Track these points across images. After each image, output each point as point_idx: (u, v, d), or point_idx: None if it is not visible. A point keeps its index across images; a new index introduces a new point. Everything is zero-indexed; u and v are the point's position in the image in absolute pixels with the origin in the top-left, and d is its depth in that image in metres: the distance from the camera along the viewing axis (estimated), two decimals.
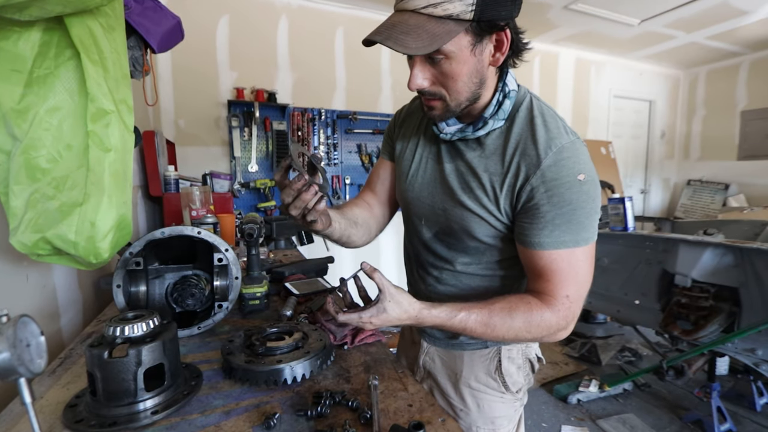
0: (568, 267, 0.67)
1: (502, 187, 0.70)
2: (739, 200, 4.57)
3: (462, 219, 0.75)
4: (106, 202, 0.70)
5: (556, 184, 0.65)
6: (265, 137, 3.17)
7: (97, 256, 0.72)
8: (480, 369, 0.85)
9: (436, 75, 0.66)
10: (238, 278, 0.92)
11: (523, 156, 0.68)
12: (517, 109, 0.72)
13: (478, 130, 0.72)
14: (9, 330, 0.39)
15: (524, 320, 0.67)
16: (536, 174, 0.66)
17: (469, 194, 0.74)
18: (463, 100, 0.68)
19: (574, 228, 0.66)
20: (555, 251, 0.67)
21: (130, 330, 0.59)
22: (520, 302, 0.69)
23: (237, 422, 0.58)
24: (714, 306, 2.00)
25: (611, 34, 3.96)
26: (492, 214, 0.72)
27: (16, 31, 0.63)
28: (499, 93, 0.71)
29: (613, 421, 2.20)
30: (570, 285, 0.68)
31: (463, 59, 0.63)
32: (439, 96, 0.69)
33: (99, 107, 0.67)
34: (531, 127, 0.69)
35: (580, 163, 0.66)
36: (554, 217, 0.66)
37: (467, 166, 0.75)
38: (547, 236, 0.66)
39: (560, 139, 0.67)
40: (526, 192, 0.67)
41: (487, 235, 0.75)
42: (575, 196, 0.65)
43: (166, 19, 1.19)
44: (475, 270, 0.80)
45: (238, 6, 3.01)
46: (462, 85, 0.66)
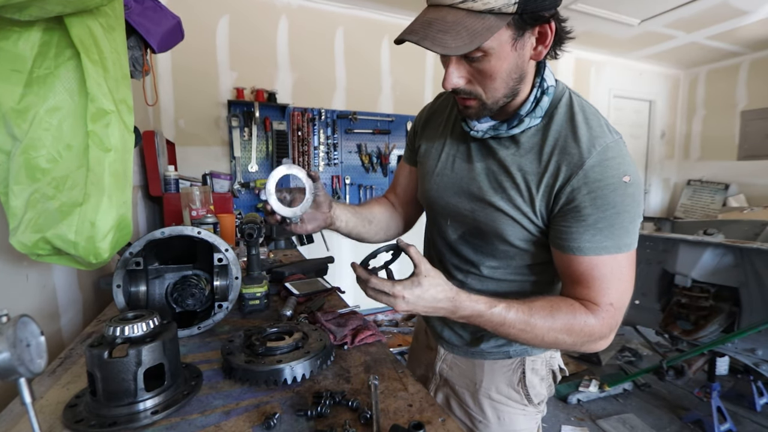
0: (610, 274, 0.63)
1: (539, 188, 0.65)
2: (739, 200, 4.57)
3: (493, 221, 0.71)
4: (106, 202, 0.70)
5: (600, 185, 0.60)
6: (265, 137, 3.17)
7: (97, 256, 0.72)
8: (502, 380, 0.81)
9: (472, 72, 0.62)
10: (238, 278, 0.91)
11: (563, 155, 0.63)
12: (555, 105, 0.67)
13: (513, 128, 0.67)
14: (9, 330, 0.39)
15: (566, 322, 0.62)
16: (579, 174, 0.61)
17: (502, 194, 0.69)
18: (500, 97, 0.64)
19: (617, 233, 0.61)
20: (597, 257, 0.62)
21: (130, 330, 0.59)
22: (563, 303, 0.64)
23: (237, 422, 0.58)
24: (714, 306, 2.00)
25: (611, 34, 3.96)
26: (526, 216, 0.68)
27: (16, 31, 0.63)
28: (536, 89, 0.66)
29: (613, 421, 2.20)
30: (613, 292, 0.64)
31: (503, 55, 0.58)
32: (475, 95, 0.64)
33: (99, 107, 0.67)
34: (572, 124, 0.65)
35: (626, 164, 0.62)
36: (597, 220, 0.61)
37: (500, 164, 0.70)
38: (588, 240, 0.62)
39: (604, 137, 0.62)
40: (566, 193, 0.63)
41: (519, 239, 0.70)
42: (620, 199, 0.60)
43: (166, 19, 1.19)
44: (503, 275, 0.76)
45: (238, 6, 3.01)
46: (500, 83, 0.62)
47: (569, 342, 0.64)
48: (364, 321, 0.93)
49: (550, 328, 0.62)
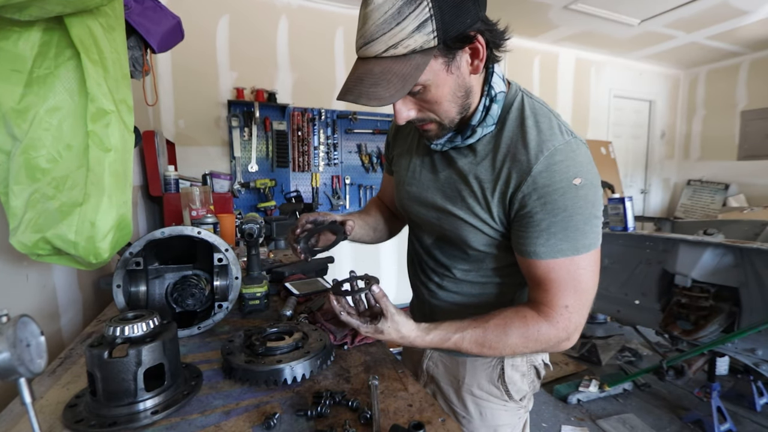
0: (567, 276, 0.64)
1: (494, 195, 0.67)
2: (739, 200, 4.57)
3: (456, 228, 0.74)
4: (106, 202, 0.70)
5: (549, 190, 0.61)
6: (265, 137, 3.17)
7: (97, 256, 0.72)
8: (482, 376, 0.83)
9: (419, 103, 0.64)
10: (238, 278, 0.91)
11: (513, 162, 0.64)
12: (507, 110, 0.68)
13: (467, 139, 0.69)
14: (9, 330, 0.39)
15: (520, 335, 0.65)
16: (527, 180, 0.62)
17: (461, 203, 0.72)
18: (454, 115, 0.66)
19: (572, 235, 0.62)
20: (553, 260, 0.63)
21: (130, 330, 0.59)
22: (515, 317, 0.66)
23: (237, 422, 0.58)
24: (714, 306, 2.00)
25: (611, 34, 3.96)
26: (485, 222, 0.70)
27: (16, 31, 0.63)
28: (485, 98, 0.67)
29: (613, 421, 2.20)
30: (569, 295, 0.65)
31: (441, 82, 0.60)
32: (430, 119, 0.66)
33: (99, 107, 0.67)
34: (521, 129, 0.65)
35: (576, 165, 0.62)
36: (549, 225, 0.62)
37: (459, 173, 0.72)
38: (543, 245, 0.63)
39: (553, 141, 0.62)
40: (518, 199, 0.64)
41: (482, 244, 0.73)
42: (570, 202, 0.61)
43: (166, 19, 1.19)
44: (475, 277, 0.79)
45: (238, 6, 3.01)
46: (448, 105, 0.64)
47: (528, 351, 0.67)
48: None
49: (505, 344, 0.66)
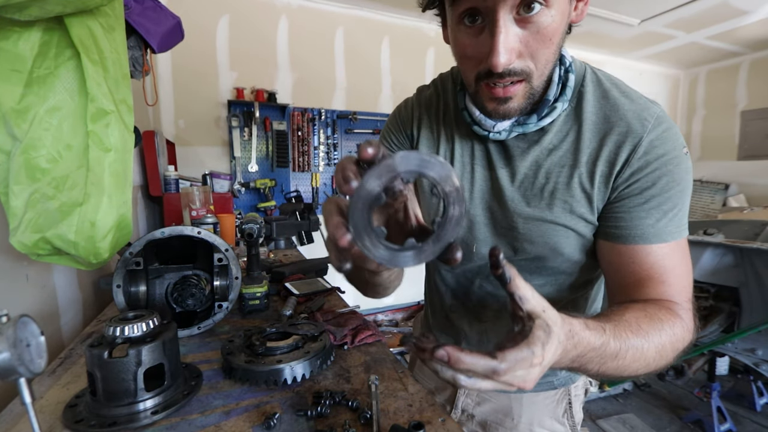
0: (680, 262, 0.54)
1: (593, 181, 0.55)
2: (739, 200, 4.57)
3: (542, 235, 0.59)
4: (106, 202, 0.70)
5: (664, 160, 0.52)
6: (265, 137, 3.17)
7: (97, 256, 0.72)
8: (545, 413, 0.72)
9: (526, 39, 0.46)
10: (238, 278, 0.91)
11: (612, 135, 0.53)
12: (579, 83, 0.57)
13: (543, 118, 0.55)
14: (9, 330, 0.39)
15: (671, 334, 0.49)
16: (638, 152, 0.52)
17: (549, 200, 0.57)
18: (547, 73, 0.51)
19: (680, 214, 0.53)
20: (665, 244, 0.53)
21: (130, 330, 0.59)
22: (653, 308, 0.50)
23: (237, 422, 0.58)
24: (714, 306, 2.00)
25: (611, 34, 3.96)
26: (583, 219, 0.56)
27: (16, 31, 0.63)
28: (559, 67, 0.55)
29: (613, 421, 2.20)
30: (687, 284, 0.54)
31: (563, 8, 0.46)
32: (527, 73, 0.49)
33: (99, 107, 0.67)
34: (608, 101, 0.55)
35: (680, 134, 0.54)
36: (662, 201, 0.52)
37: (535, 166, 0.57)
38: (653, 226, 0.52)
39: (651, 107, 0.54)
40: (625, 176, 0.53)
41: (577, 249, 0.59)
42: (684, 174, 0.52)
43: (166, 19, 1.19)
44: (549, 292, 0.64)
45: (238, 6, 3.01)
46: (554, 50, 0.49)
47: (671, 359, 0.50)
48: (364, 321, 0.93)
49: (658, 346, 0.47)
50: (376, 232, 0.32)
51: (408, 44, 3.54)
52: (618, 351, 0.44)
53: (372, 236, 0.32)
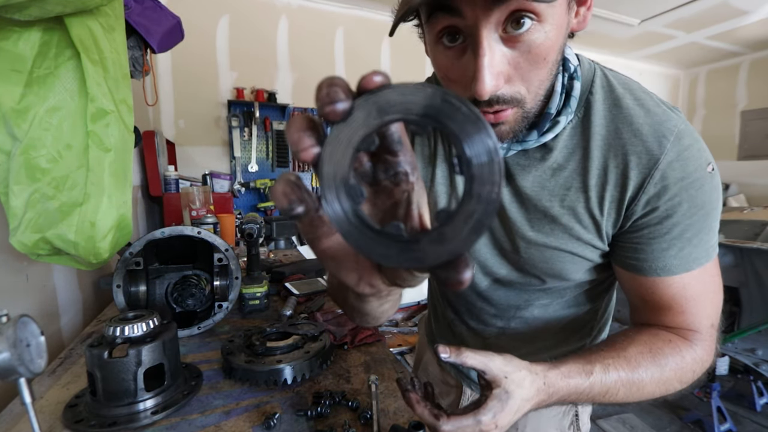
0: (703, 288, 0.50)
1: (602, 205, 0.49)
2: (739, 200, 4.57)
3: (545, 261, 0.54)
4: (106, 202, 0.70)
5: (684, 185, 0.46)
6: (265, 137, 3.17)
7: (97, 256, 0.72)
8: (550, 424, 0.69)
9: (516, 62, 0.39)
10: (238, 278, 0.91)
11: (624, 155, 0.47)
12: (587, 90, 0.49)
13: (545, 134, 0.48)
14: (9, 330, 0.39)
15: (676, 368, 0.48)
16: (654, 176, 0.46)
17: (552, 225, 0.52)
18: (542, 95, 0.44)
19: (705, 238, 0.48)
20: (687, 274, 0.48)
21: (130, 330, 0.59)
22: (661, 342, 0.50)
23: (237, 422, 0.58)
24: None
25: (611, 34, 3.96)
26: (589, 245, 0.52)
27: (16, 31, 0.63)
28: (563, 75, 0.48)
29: (613, 421, 2.20)
30: (711, 310, 0.51)
31: (559, 21, 0.39)
32: (516, 100, 0.41)
33: (99, 107, 0.67)
34: (620, 111, 0.48)
35: (704, 148, 0.47)
36: (684, 229, 0.47)
37: (538, 186, 0.51)
38: (675, 257, 0.48)
39: (671, 120, 0.47)
40: (642, 204, 0.47)
41: (581, 272, 0.55)
42: (708, 197, 0.47)
43: (166, 19, 1.19)
44: (557, 310, 0.62)
45: (238, 6, 3.01)
46: (548, 71, 0.42)
47: (680, 389, 0.50)
48: None
49: (659, 380, 0.48)
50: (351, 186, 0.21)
51: (408, 44, 3.52)
52: (608, 390, 0.46)
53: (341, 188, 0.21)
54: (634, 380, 0.47)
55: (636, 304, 0.55)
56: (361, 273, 0.27)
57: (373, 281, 0.27)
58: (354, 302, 0.39)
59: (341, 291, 0.42)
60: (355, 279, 0.27)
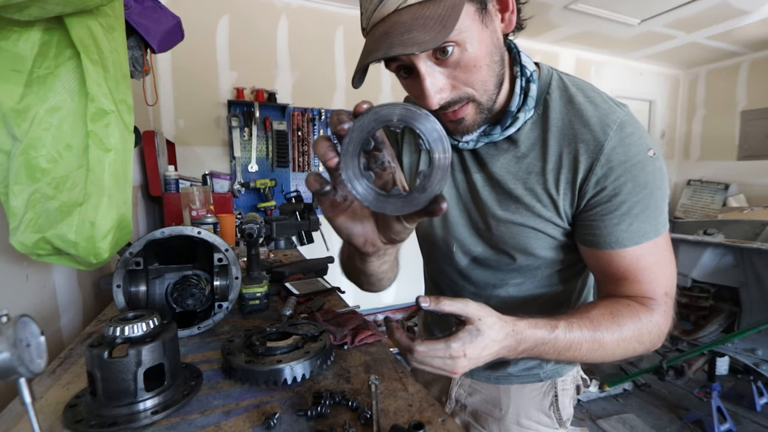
0: (655, 260, 0.57)
1: (558, 186, 0.58)
2: (739, 200, 4.57)
3: (513, 237, 0.62)
4: (106, 202, 0.70)
5: (627, 166, 0.54)
6: (265, 137, 3.17)
7: (97, 256, 0.72)
8: (531, 405, 0.75)
9: (452, 74, 0.50)
10: (238, 278, 0.91)
11: (576, 143, 0.56)
12: (545, 91, 0.59)
13: (508, 128, 0.58)
14: (9, 330, 0.39)
15: (634, 328, 0.54)
16: (600, 160, 0.54)
17: (516, 204, 0.61)
18: (493, 89, 0.54)
19: (653, 214, 0.55)
20: (639, 246, 0.56)
21: (130, 330, 0.59)
22: (622, 307, 0.56)
23: (237, 422, 0.58)
24: (714, 306, 2.00)
25: (611, 34, 3.96)
26: (550, 222, 0.60)
27: (16, 31, 0.63)
28: (520, 78, 0.58)
29: (613, 421, 2.20)
30: (664, 280, 0.57)
31: (478, 37, 0.48)
32: (468, 97, 0.52)
33: (99, 107, 0.67)
34: (573, 107, 0.57)
35: (645, 136, 0.55)
36: (632, 206, 0.55)
37: (505, 171, 0.61)
38: (626, 230, 0.55)
39: (615, 113, 0.55)
40: (592, 184, 0.56)
41: (546, 248, 0.62)
42: (650, 177, 0.54)
43: (166, 19, 1.19)
44: (530, 289, 0.68)
45: (238, 6, 3.01)
46: (487, 72, 0.51)
47: (640, 350, 0.57)
48: (364, 321, 0.93)
49: (620, 339, 0.54)
50: (364, 174, 0.36)
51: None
52: (571, 344, 0.52)
53: (358, 174, 0.35)
54: (596, 338, 0.53)
55: (599, 279, 0.62)
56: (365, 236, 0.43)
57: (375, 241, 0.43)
58: (359, 265, 0.53)
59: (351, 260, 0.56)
60: (362, 241, 0.43)
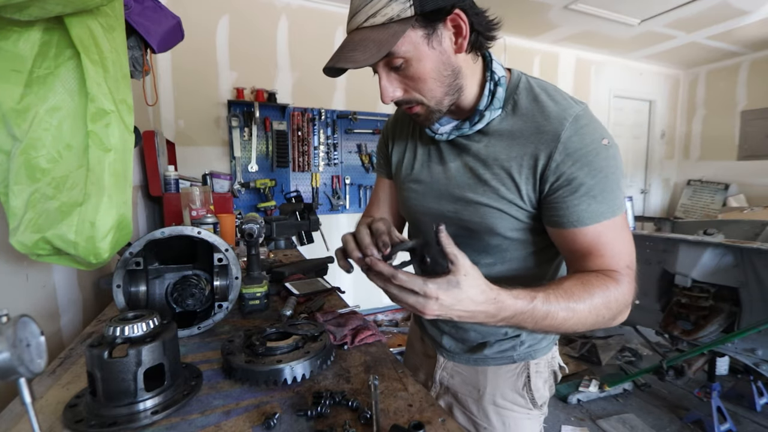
0: (615, 237, 0.63)
1: (521, 173, 0.66)
2: (739, 200, 4.57)
3: (480, 217, 0.70)
4: (106, 202, 0.70)
5: (582, 153, 0.61)
6: (265, 137, 3.17)
7: (97, 256, 0.72)
8: (506, 385, 0.81)
9: (405, 81, 0.63)
10: (238, 278, 0.91)
11: (537, 134, 0.64)
12: (514, 91, 0.69)
13: (476, 125, 0.68)
14: (9, 330, 0.39)
15: (603, 296, 0.59)
16: (558, 149, 0.62)
17: (483, 188, 0.69)
18: (441, 96, 0.65)
19: (610, 196, 0.62)
20: (599, 224, 0.62)
21: (130, 330, 0.59)
22: (591, 277, 0.61)
23: (237, 422, 0.58)
24: (714, 306, 2.00)
25: (611, 34, 3.96)
26: (514, 204, 0.68)
27: (16, 31, 0.63)
28: (489, 82, 0.67)
29: (613, 421, 2.20)
30: (624, 254, 0.63)
31: (423, 56, 0.60)
32: (416, 101, 0.65)
33: (99, 107, 0.67)
34: (537, 104, 0.66)
35: (600, 127, 0.63)
36: (589, 188, 0.61)
37: (475, 159, 0.70)
38: (585, 210, 0.62)
39: (572, 108, 0.64)
40: (552, 170, 0.63)
41: (510, 229, 0.70)
42: (604, 163, 0.61)
43: (166, 19, 1.19)
44: (501, 270, 0.74)
45: (238, 6, 3.01)
46: (433, 83, 0.63)
47: (608, 317, 0.61)
48: (364, 321, 0.93)
49: (591, 306, 0.58)
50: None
51: None
52: (548, 313, 0.56)
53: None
54: (570, 306, 0.57)
55: (568, 258, 0.68)
56: None
57: None
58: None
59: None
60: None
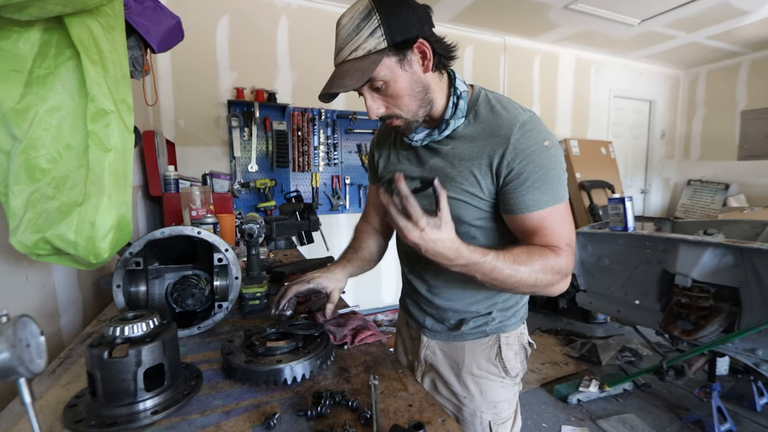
0: (556, 220, 0.76)
1: (480, 169, 0.79)
2: (739, 200, 4.57)
3: (452, 208, 0.79)
4: (106, 202, 0.70)
5: (528, 152, 0.75)
6: (265, 137, 3.17)
7: (97, 256, 0.72)
8: (481, 357, 0.91)
9: (386, 99, 0.77)
10: (238, 278, 0.91)
11: (493, 138, 0.78)
12: (475, 103, 0.83)
13: (444, 131, 0.82)
14: (9, 330, 0.39)
15: (542, 263, 0.73)
16: (509, 149, 0.75)
17: (451, 183, 0.82)
18: (416, 109, 0.78)
19: (551, 188, 0.76)
20: (542, 210, 0.75)
21: (130, 330, 0.59)
22: (535, 248, 0.75)
23: (237, 422, 0.58)
24: (714, 306, 2.00)
25: (611, 34, 3.96)
26: (476, 196, 0.80)
27: (16, 31, 0.63)
28: (453, 96, 0.81)
29: (613, 421, 2.20)
30: (564, 235, 0.77)
31: (398, 77, 0.74)
32: (396, 115, 0.79)
33: (99, 107, 0.67)
34: (493, 113, 0.80)
35: (542, 131, 0.77)
36: (534, 181, 0.75)
37: (444, 159, 0.84)
38: (531, 199, 0.75)
39: (520, 115, 0.78)
40: (505, 166, 0.76)
41: (475, 218, 0.83)
42: (545, 160, 0.75)
43: (166, 19, 1.19)
44: None
45: (238, 6, 3.01)
46: (408, 99, 0.76)
47: (545, 281, 0.74)
48: (364, 321, 0.93)
49: (530, 269, 0.72)
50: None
51: None
52: (494, 268, 0.70)
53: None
54: (514, 266, 0.71)
55: (520, 238, 0.80)
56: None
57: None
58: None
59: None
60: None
